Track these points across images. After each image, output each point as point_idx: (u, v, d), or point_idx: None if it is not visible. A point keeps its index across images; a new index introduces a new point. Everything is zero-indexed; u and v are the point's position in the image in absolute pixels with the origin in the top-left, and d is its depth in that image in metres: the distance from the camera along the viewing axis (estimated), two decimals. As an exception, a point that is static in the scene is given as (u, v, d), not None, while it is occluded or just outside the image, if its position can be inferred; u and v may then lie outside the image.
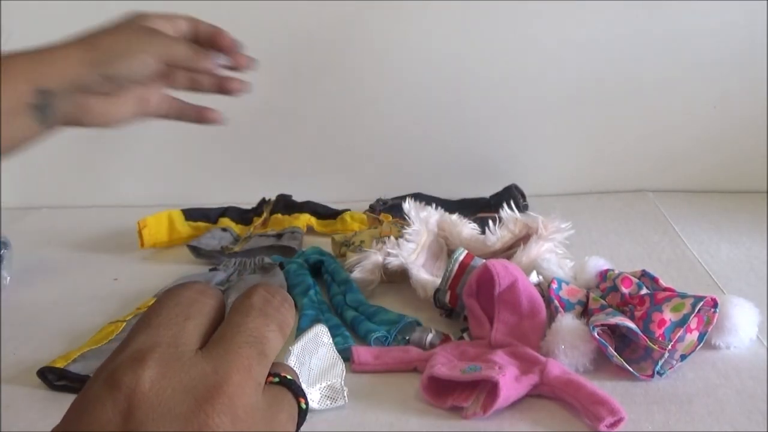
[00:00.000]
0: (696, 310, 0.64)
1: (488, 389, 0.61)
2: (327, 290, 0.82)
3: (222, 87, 0.65)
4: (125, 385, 0.26)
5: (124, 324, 0.75)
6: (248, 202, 1.06)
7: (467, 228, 0.87)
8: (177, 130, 1.13)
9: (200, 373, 0.27)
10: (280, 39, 1.07)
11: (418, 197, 0.96)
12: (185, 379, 0.26)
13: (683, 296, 0.65)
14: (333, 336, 0.63)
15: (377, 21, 1.04)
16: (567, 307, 0.70)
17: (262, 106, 1.10)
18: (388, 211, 1.00)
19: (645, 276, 0.71)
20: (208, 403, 0.26)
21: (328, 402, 0.61)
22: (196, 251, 0.94)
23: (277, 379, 0.29)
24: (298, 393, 0.29)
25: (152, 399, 0.26)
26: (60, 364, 0.68)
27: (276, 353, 0.29)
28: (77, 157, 1.15)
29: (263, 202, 1.05)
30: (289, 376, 0.29)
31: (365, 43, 1.06)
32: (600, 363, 0.65)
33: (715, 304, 0.65)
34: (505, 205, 0.87)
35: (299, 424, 0.29)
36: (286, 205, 1.04)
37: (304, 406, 0.29)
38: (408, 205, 0.87)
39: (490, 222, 0.86)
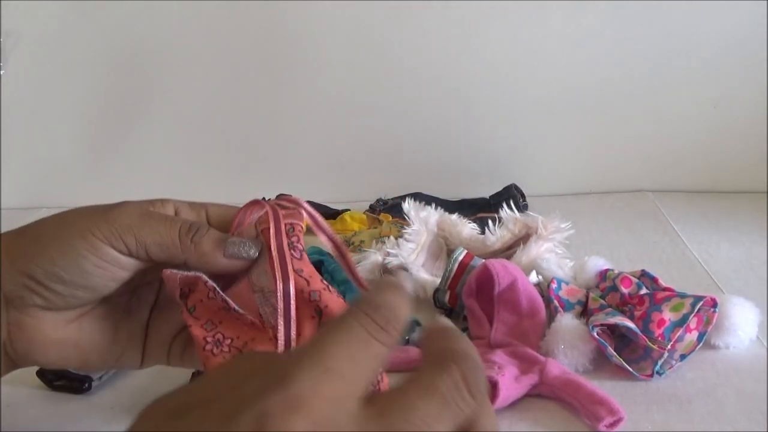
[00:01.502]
0: (695, 310, 0.64)
1: (487, 389, 0.61)
2: (327, 290, 0.82)
3: None
4: None
5: (124, 324, 0.75)
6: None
7: (467, 228, 0.87)
8: (177, 131, 1.14)
9: None
10: (279, 39, 1.07)
11: (418, 197, 0.96)
12: None
13: (683, 296, 0.65)
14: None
15: (377, 21, 1.04)
16: (566, 307, 0.70)
17: (262, 105, 1.10)
18: (388, 211, 1.00)
19: (645, 276, 0.71)
20: None
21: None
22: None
23: None
24: None
25: None
26: (59, 364, 0.68)
27: None
28: (77, 157, 1.15)
29: (263, 202, 1.05)
30: None
31: (365, 43, 1.06)
32: (599, 363, 0.65)
33: (714, 303, 0.65)
34: (504, 205, 0.88)
35: None
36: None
37: None
38: (408, 205, 0.88)
39: (490, 222, 0.86)
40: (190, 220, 0.43)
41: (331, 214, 1.03)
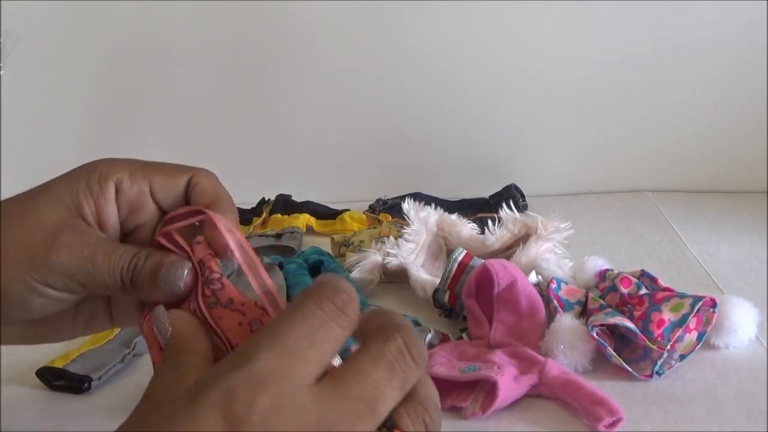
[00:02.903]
0: (695, 310, 0.64)
1: (487, 389, 0.61)
2: (326, 290, 0.82)
3: None
4: (238, 410, 0.26)
5: (124, 324, 0.75)
6: (247, 202, 1.06)
7: (466, 228, 0.87)
8: (176, 130, 1.14)
9: (308, 418, 0.26)
10: (279, 39, 1.07)
11: (418, 197, 0.96)
12: (293, 421, 0.26)
13: (682, 296, 0.65)
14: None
15: (378, 21, 1.04)
16: (566, 307, 0.70)
17: (262, 105, 1.10)
18: (388, 211, 1.00)
19: (644, 276, 0.71)
20: None
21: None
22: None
23: None
24: None
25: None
26: (59, 364, 0.68)
27: (389, 410, 0.29)
28: (77, 157, 1.15)
29: (262, 202, 1.05)
30: None
31: (365, 43, 1.06)
32: (599, 363, 0.65)
33: (714, 304, 0.65)
34: (504, 205, 0.88)
35: None
36: (285, 205, 1.04)
37: None
38: (407, 205, 0.88)
39: (490, 222, 0.86)
40: (129, 254, 0.40)
41: (330, 214, 1.03)
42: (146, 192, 0.43)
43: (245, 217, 1.05)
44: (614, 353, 0.64)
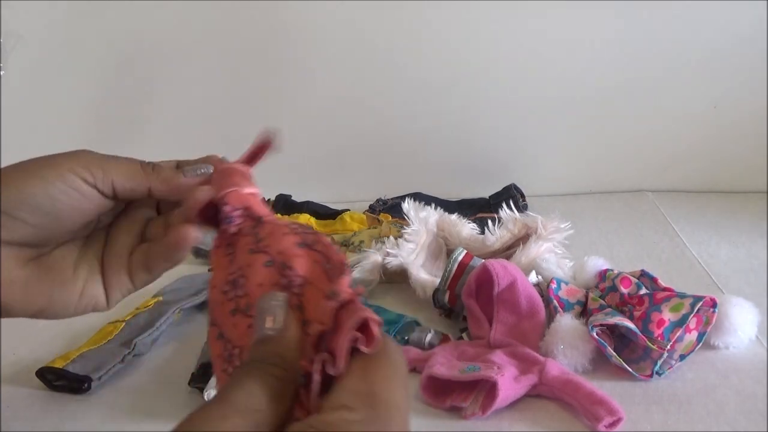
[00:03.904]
0: (695, 310, 0.64)
1: (487, 389, 0.61)
2: (326, 290, 0.82)
3: None
4: None
5: (123, 324, 0.75)
6: (248, 202, 1.06)
7: (466, 228, 0.87)
8: (176, 130, 1.14)
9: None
10: (279, 39, 1.07)
11: (418, 197, 0.96)
12: None
13: (682, 296, 0.65)
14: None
15: (378, 20, 1.04)
16: (566, 307, 0.70)
17: (262, 105, 1.10)
18: (388, 211, 1.00)
19: (644, 276, 0.71)
20: None
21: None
22: (196, 251, 0.94)
23: None
24: None
25: None
26: (59, 365, 0.68)
27: None
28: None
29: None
30: None
31: (366, 43, 1.06)
32: (599, 363, 0.65)
33: (714, 304, 0.65)
34: (504, 205, 0.88)
35: None
36: (285, 205, 1.04)
37: None
38: (407, 205, 0.88)
39: (490, 222, 0.86)
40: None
41: (330, 214, 1.03)
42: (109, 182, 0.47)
43: (245, 217, 1.05)
44: (614, 353, 0.64)
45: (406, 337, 0.71)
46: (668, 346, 0.62)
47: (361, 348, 0.31)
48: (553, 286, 0.71)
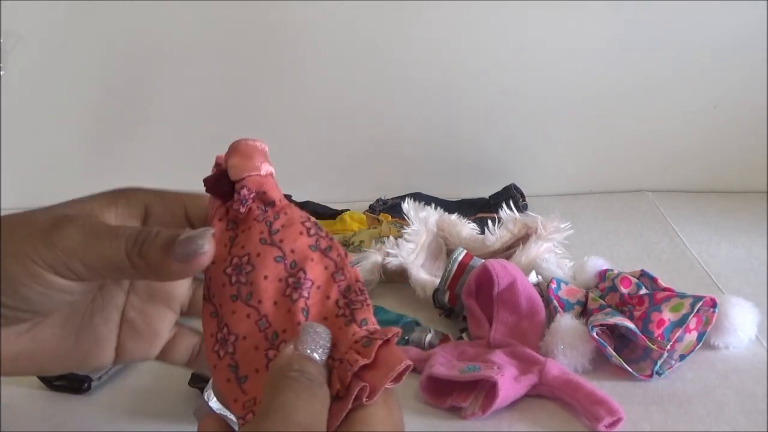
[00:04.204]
0: (695, 310, 0.64)
1: (487, 389, 0.61)
2: (326, 290, 0.82)
3: None
4: None
5: (124, 324, 0.75)
6: (248, 202, 1.06)
7: (466, 228, 0.87)
8: (176, 130, 1.14)
9: None
10: (279, 38, 1.07)
11: (418, 197, 0.96)
12: None
13: (682, 296, 0.65)
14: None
15: (377, 20, 1.04)
16: (566, 307, 0.70)
17: (262, 105, 1.10)
18: (388, 211, 1.00)
19: (644, 276, 0.71)
20: None
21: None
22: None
23: None
24: None
25: None
26: (59, 364, 0.68)
27: None
28: (77, 157, 1.15)
29: (263, 202, 1.05)
30: None
31: (365, 42, 1.06)
32: (599, 363, 0.65)
33: (714, 304, 0.65)
34: (504, 205, 0.88)
35: None
36: (285, 205, 1.04)
37: None
38: (407, 205, 0.88)
39: (490, 222, 0.86)
40: (137, 228, 0.38)
41: (330, 214, 1.03)
42: (180, 214, 0.42)
43: (245, 217, 1.05)
44: (614, 353, 0.64)
45: (406, 337, 0.71)
46: (668, 346, 0.62)
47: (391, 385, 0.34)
48: (553, 286, 0.71)
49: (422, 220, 0.86)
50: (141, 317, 0.44)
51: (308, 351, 0.33)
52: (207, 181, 0.41)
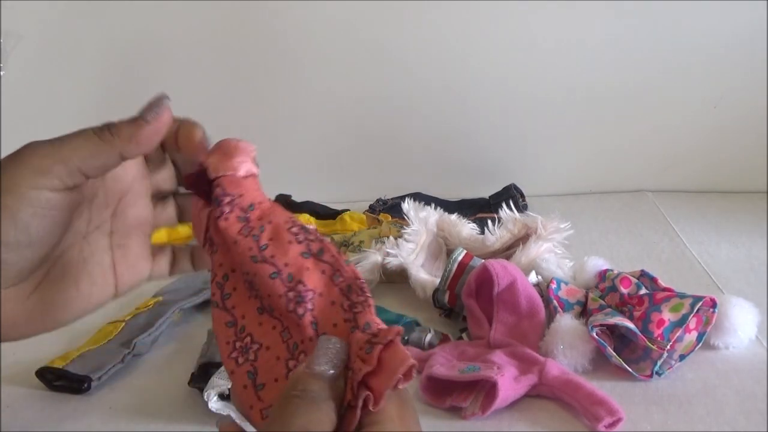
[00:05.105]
0: (695, 310, 0.64)
1: (487, 389, 0.61)
2: (326, 290, 0.82)
3: None
4: None
5: (123, 324, 0.75)
6: (248, 202, 1.06)
7: (466, 228, 0.87)
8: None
9: None
10: (279, 39, 1.07)
11: (418, 197, 0.96)
12: None
13: (682, 296, 0.65)
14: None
15: (378, 21, 1.04)
16: (566, 307, 0.70)
17: (262, 106, 1.10)
18: (388, 211, 1.00)
19: (644, 276, 0.71)
20: None
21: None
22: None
23: None
24: None
25: None
26: (59, 364, 0.68)
27: None
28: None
29: (263, 202, 1.05)
30: None
31: (365, 43, 1.06)
32: (599, 363, 0.65)
33: (714, 304, 0.65)
34: (504, 205, 0.87)
35: None
36: (285, 205, 1.04)
37: None
38: (407, 205, 0.88)
39: (489, 222, 0.86)
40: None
41: (330, 214, 1.03)
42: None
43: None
44: (614, 353, 0.64)
45: (406, 337, 0.71)
46: (668, 346, 0.62)
47: (398, 386, 0.34)
48: (553, 286, 0.71)
49: (422, 220, 0.86)
50: (126, 250, 0.46)
51: (318, 367, 0.33)
52: (187, 178, 0.41)
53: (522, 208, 0.98)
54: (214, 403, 0.60)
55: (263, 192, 0.40)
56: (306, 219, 1.02)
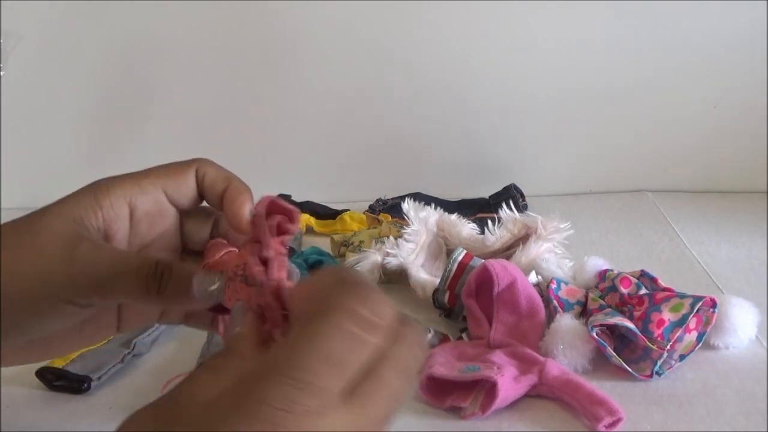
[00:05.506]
0: (695, 310, 0.64)
1: (487, 389, 0.61)
2: (326, 290, 0.82)
3: None
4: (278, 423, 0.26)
5: (124, 324, 0.75)
6: (248, 202, 1.06)
7: (466, 228, 0.87)
8: (176, 131, 1.14)
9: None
10: (279, 39, 1.07)
11: (418, 197, 0.96)
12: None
13: (682, 296, 0.65)
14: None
15: (378, 20, 1.04)
16: (566, 307, 0.70)
17: (261, 106, 1.10)
18: (388, 211, 1.00)
19: (644, 276, 0.71)
20: None
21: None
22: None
23: None
24: None
25: None
26: (59, 364, 0.68)
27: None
28: (77, 157, 1.15)
29: (263, 202, 1.05)
30: None
31: (365, 43, 1.06)
32: (599, 363, 0.65)
33: (714, 304, 0.65)
34: (504, 205, 0.87)
35: None
36: (285, 205, 1.04)
37: None
38: (407, 205, 0.87)
39: (489, 222, 0.86)
40: (151, 262, 0.39)
41: (330, 214, 1.03)
42: (162, 200, 0.43)
43: (245, 217, 1.04)
44: (614, 353, 0.64)
45: (406, 337, 0.71)
46: (668, 346, 0.62)
47: (286, 226, 0.36)
48: (553, 286, 0.71)
49: (422, 220, 0.86)
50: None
51: (234, 329, 0.35)
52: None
53: (522, 208, 0.98)
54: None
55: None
56: (306, 219, 1.02)
